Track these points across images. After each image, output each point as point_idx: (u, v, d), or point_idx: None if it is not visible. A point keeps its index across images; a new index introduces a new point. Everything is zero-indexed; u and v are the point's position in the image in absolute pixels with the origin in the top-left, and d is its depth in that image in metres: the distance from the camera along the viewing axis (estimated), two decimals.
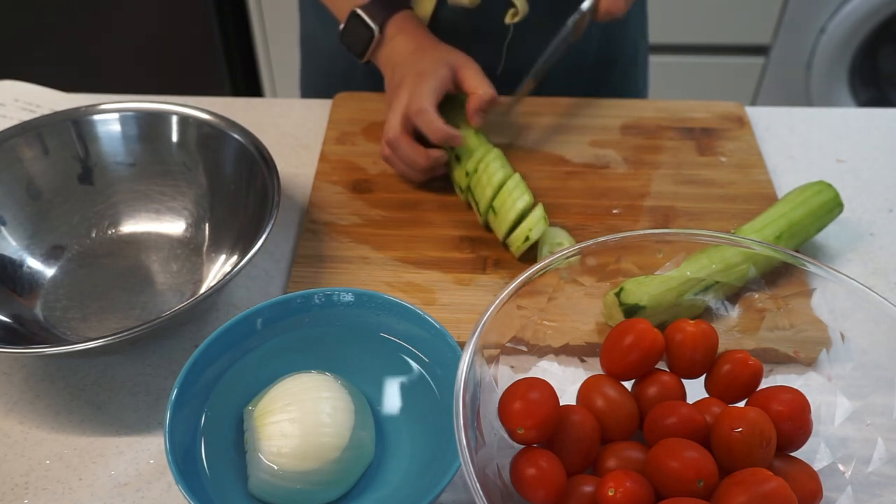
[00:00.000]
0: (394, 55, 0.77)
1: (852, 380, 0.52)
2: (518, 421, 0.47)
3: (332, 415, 0.51)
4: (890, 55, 1.76)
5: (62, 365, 0.64)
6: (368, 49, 0.78)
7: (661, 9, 1.62)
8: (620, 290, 0.60)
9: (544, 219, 0.67)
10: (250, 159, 0.69)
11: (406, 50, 0.76)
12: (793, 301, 0.55)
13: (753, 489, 0.44)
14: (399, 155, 0.74)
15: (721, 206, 0.75)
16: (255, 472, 0.51)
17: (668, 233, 0.55)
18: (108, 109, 0.73)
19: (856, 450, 0.51)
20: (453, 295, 0.67)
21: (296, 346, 0.58)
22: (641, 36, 0.97)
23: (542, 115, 0.85)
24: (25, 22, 1.65)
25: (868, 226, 0.74)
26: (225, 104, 0.88)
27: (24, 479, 0.56)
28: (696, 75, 1.76)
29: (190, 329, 0.66)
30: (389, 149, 0.74)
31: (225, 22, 1.67)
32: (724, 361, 0.53)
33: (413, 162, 0.74)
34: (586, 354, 0.57)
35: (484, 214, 0.70)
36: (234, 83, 1.77)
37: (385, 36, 0.77)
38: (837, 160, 0.82)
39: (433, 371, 0.56)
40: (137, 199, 0.73)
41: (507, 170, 0.70)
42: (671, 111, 0.86)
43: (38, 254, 0.69)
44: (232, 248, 0.69)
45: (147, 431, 0.59)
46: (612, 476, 0.46)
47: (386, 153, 0.75)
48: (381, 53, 0.78)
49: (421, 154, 0.73)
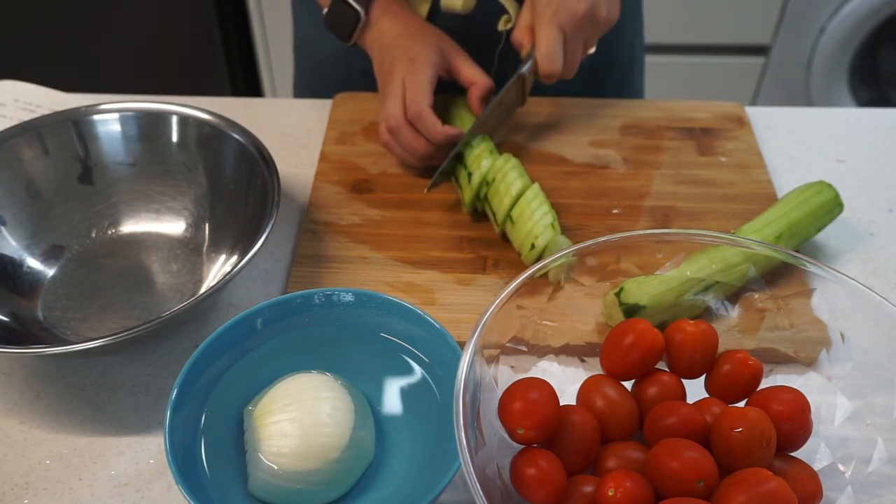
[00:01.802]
0: (381, 37, 0.77)
1: (852, 380, 0.52)
2: (518, 421, 0.47)
3: (332, 415, 0.51)
4: (890, 55, 1.76)
5: (62, 365, 0.64)
6: (354, 32, 0.78)
7: (661, 9, 1.62)
8: (620, 290, 0.60)
9: (552, 227, 0.66)
10: (250, 159, 0.69)
11: (393, 32, 0.77)
12: (793, 301, 0.55)
13: (753, 489, 0.44)
14: (399, 141, 0.75)
15: (721, 206, 0.75)
16: (255, 472, 0.51)
17: (668, 233, 0.55)
18: (108, 109, 0.73)
19: (856, 450, 0.51)
20: (453, 295, 0.67)
21: (296, 346, 0.58)
22: (638, 39, 0.97)
23: (542, 115, 0.85)
24: (25, 22, 1.65)
25: (868, 226, 0.74)
26: (225, 104, 0.88)
27: (24, 479, 0.56)
28: (695, 75, 1.76)
29: (190, 329, 0.66)
30: (390, 135, 0.75)
31: (225, 22, 1.67)
32: (724, 361, 0.53)
33: (413, 149, 0.74)
34: (586, 354, 0.57)
35: (501, 224, 0.70)
36: (233, 83, 1.77)
37: (370, 18, 0.78)
38: (837, 160, 0.82)
39: (433, 371, 0.56)
40: (137, 199, 0.73)
41: (525, 180, 0.70)
42: (671, 111, 0.86)
43: (38, 254, 0.69)
44: (232, 248, 0.69)
45: (147, 431, 0.59)
46: (612, 476, 0.46)
47: (385, 139, 0.76)
48: (367, 36, 0.79)
49: (421, 141, 0.74)
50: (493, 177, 0.70)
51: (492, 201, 0.70)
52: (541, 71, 0.72)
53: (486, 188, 0.71)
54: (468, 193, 0.72)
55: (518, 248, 0.68)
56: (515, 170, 0.70)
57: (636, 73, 0.99)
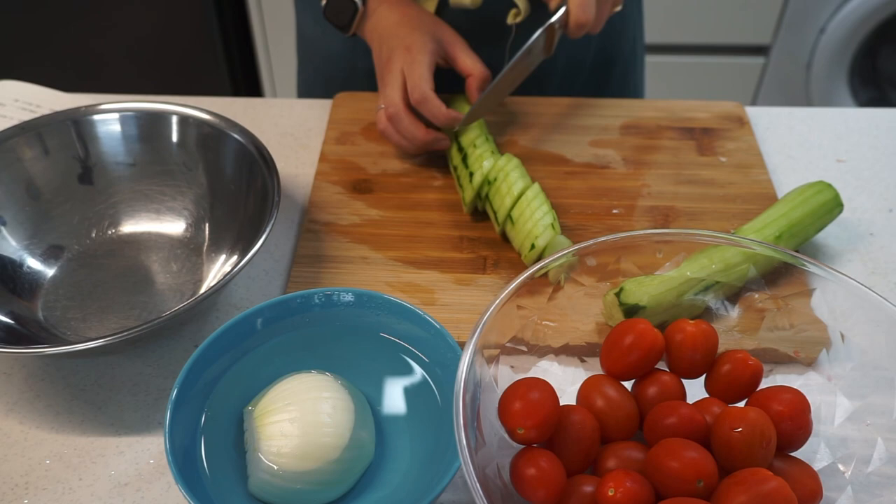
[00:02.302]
0: (379, 27, 0.78)
1: (852, 380, 0.52)
2: (518, 421, 0.47)
3: (332, 415, 0.51)
4: (890, 55, 1.76)
5: (62, 365, 0.64)
6: (353, 22, 0.79)
7: (662, 9, 1.62)
8: (620, 290, 0.60)
9: (552, 227, 0.66)
10: (250, 159, 0.69)
11: (391, 21, 0.77)
12: (793, 301, 0.55)
13: (753, 489, 0.44)
14: (399, 129, 0.75)
15: (721, 206, 0.75)
16: (255, 472, 0.51)
17: (668, 233, 0.55)
18: (108, 109, 0.73)
19: (856, 450, 0.51)
20: (453, 295, 0.67)
21: (296, 346, 0.58)
22: (639, 38, 0.97)
23: (542, 115, 0.85)
24: (25, 22, 1.65)
25: (868, 226, 0.74)
26: (225, 104, 0.88)
27: (24, 479, 0.56)
28: (695, 75, 1.76)
29: (190, 329, 0.66)
30: (390, 122, 0.75)
31: (225, 22, 1.67)
32: (724, 361, 0.53)
33: (412, 136, 0.75)
34: (586, 354, 0.57)
35: (502, 224, 0.70)
36: (234, 83, 1.77)
37: (368, 7, 0.78)
38: (837, 160, 0.82)
39: (433, 371, 0.56)
40: (137, 199, 0.73)
41: (526, 180, 0.70)
42: (671, 111, 0.86)
43: (38, 254, 0.69)
44: (232, 248, 0.69)
45: (147, 431, 0.59)
46: (612, 476, 0.46)
47: (383, 126, 0.76)
48: (365, 26, 0.79)
49: (421, 128, 0.75)
50: (495, 176, 0.71)
51: (493, 201, 0.70)
52: (573, 20, 0.71)
53: (488, 187, 0.71)
54: (469, 193, 0.72)
55: (518, 248, 0.68)
56: (517, 170, 0.70)
57: (637, 72, 0.99)
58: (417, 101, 0.73)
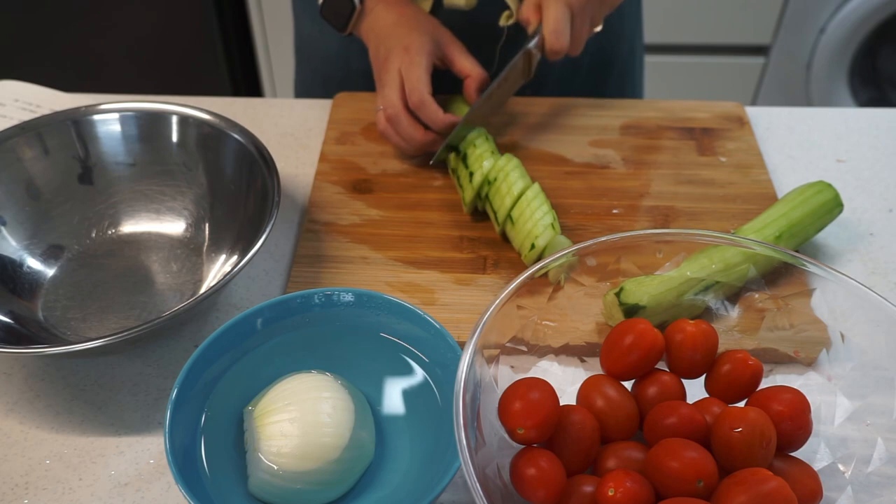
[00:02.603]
0: (376, 26, 0.78)
1: (852, 380, 0.52)
2: (518, 421, 0.47)
3: (332, 415, 0.51)
4: (890, 55, 1.76)
5: (62, 365, 0.64)
6: (350, 21, 0.79)
7: (661, 9, 1.62)
8: (620, 290, 0.60)
9: (552, 227, 0.66)
10: (250, 159, 0.69)
11: (388, 21, 0.77)
12: (793, 301, 0.55)
13: (753, 489, 0.44)
14: (398, 130, 0.75)
15: (721, 206, 0.75)
16: (255, 472, 0.51)
17: (668, 233, 0.55)
18: (108, 109, 0.73)
19: (856, 450, 0.51)
20: (453, 295, 0.67)
21: (296, 346, 0.58)
22: (638, 38, 0.97)
23: (542, 116, 0.85)
24: (25, 22, 1.65)
25: (868, 226, 0.74)
26: (225, 104, 0.88)
27: (24, 479, 0.56)
28: (695, 75, 1.76)
29: (190, 329, 0.66)
30: (389, 124, 0.75)
31: (225, 22, 1.67)
32: (724, 361, 0.53)
33: (411, 137, 0.75)
34: (586, 354, 0.57)
35: (501, 224, 0.70)
36: (234, 83, 1.77)
37: (365, 7, 0.78)
38: (837, 160, 0.82)
39: (433, 371, 0.56)
40: (137, 199, 0.73)
41: (526, 180, 0.70)
42: (671, 111, 0.86)
43: (38, 254, 0.69)
44: (232, 248, 0.69)
45: (147, 431, 0.59)
46: (612, 476, 0.46)
47: (382, 127, 0.76)
48: (362, 25, 0.79)
49: (420, 130, 0.75)
50: (495, 176, 0.71)
51: (493, 201, 0.70)
52: (548, 47, 0.72)
53: (488, 187, 0.71)
54: (469, 193, 0.72)
55: (518, 248, 0.68)
56: (517, 170, 0.70)
57: (636, 72, 0.99)
58: (415, 105, 0.74)
